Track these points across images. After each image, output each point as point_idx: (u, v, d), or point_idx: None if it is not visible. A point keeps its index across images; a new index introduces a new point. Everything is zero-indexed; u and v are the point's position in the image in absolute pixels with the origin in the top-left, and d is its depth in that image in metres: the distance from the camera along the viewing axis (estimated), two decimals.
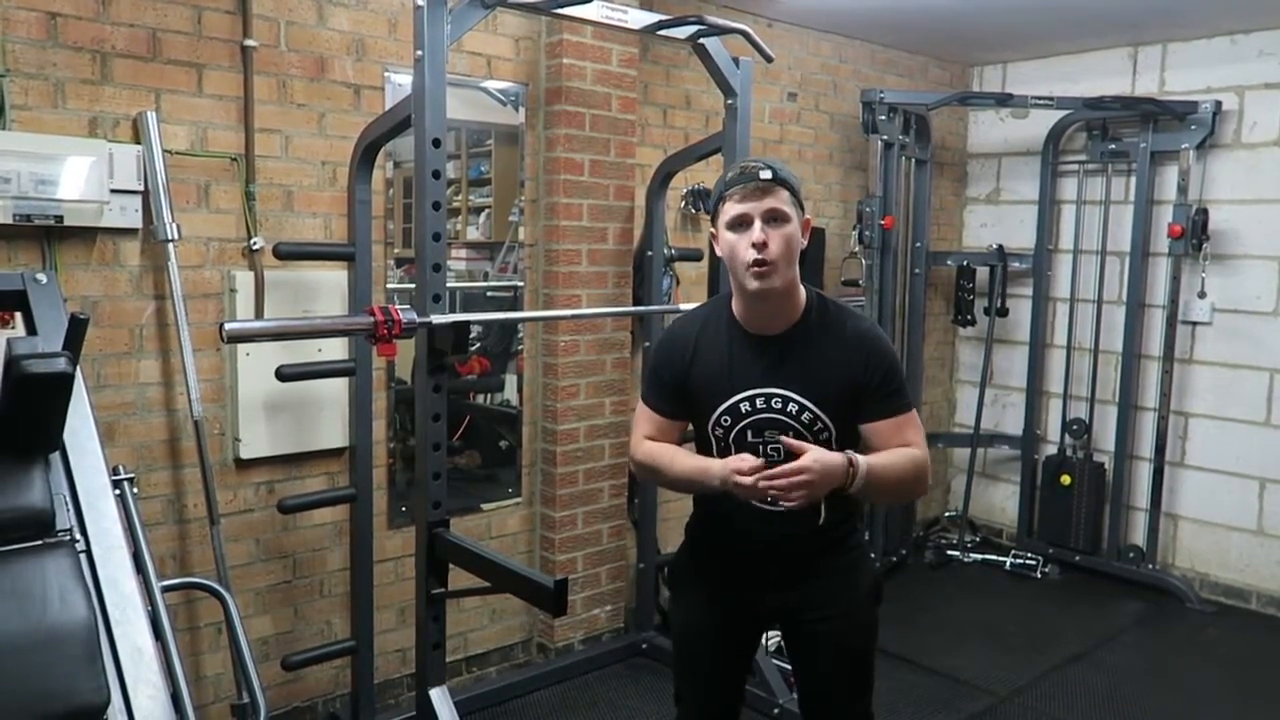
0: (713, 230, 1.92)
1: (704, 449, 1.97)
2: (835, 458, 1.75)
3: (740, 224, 1.81)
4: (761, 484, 1.72)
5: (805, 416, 1.85)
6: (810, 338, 1.88)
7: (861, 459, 1.78)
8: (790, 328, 1.88)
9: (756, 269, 1.79)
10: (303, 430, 2.94)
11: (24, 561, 1.59)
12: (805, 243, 1.87)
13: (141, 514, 1.97)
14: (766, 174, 1.80)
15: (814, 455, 1.73)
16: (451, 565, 2.58)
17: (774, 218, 1.80)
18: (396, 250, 3.12)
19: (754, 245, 1.78)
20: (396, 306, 2.40)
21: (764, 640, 3.01)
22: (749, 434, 1.88)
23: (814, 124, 4.40)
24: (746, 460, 1.77)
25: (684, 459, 1.94)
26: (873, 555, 4.26)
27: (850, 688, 2.02)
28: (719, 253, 1.90)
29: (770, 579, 1.97)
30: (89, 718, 1.48)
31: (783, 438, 1.82)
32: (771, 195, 1.80)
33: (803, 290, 1.91)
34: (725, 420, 1.89)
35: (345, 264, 2.91)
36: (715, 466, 1.82)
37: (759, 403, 1.87)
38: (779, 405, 1.86)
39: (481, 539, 3.36)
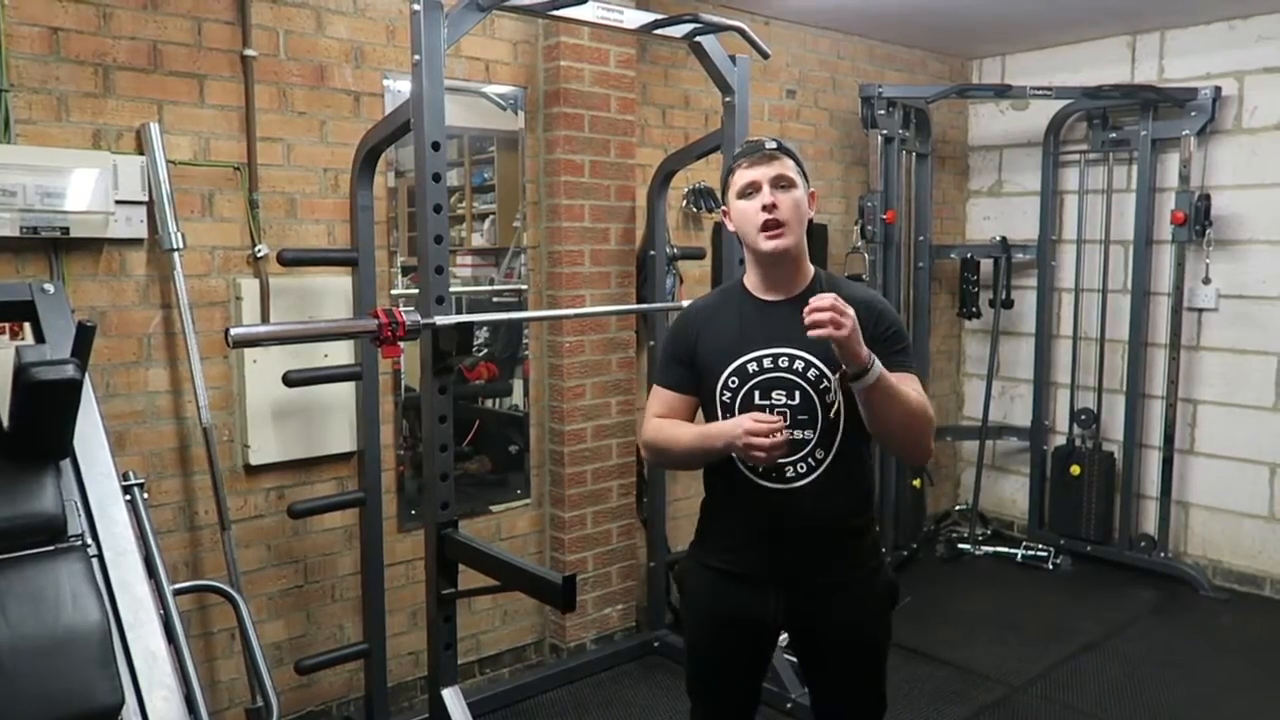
0: (724, 208, 1.98)
1: (711, 421, 1.97)
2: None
3: (750, 190, 1.89)
4: (807, 311, 1.69)
5: (812, 374, 1.87)
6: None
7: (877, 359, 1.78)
8: (801, 292, 1.93)
9: (769, 229, 1.86)
10: (311, 435, 2.96)
11: (37, 566, 1.61)
12: (812, 213, 1.94)
13: (152, 519, 1.99)
14: (771, 144, 1.91)
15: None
16: (461, 566, 2.59)
17: (781, 183, 1.88)
18: (402, 258, 3.14)
19: (764, 208, 1.86)
20: (401, 309, 2.42)
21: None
22: (756, 395, 1.89)
23: (813, 120, 4.40)
24: (762, 417, 1.78)
25: (689, 428, 1.96)
26: (884, 550, 4.25)
27: (865, 688, 2.03)
28: (731, 227, 1.96)
29: (787, 581, 1.93)
30: (104, 719, 1.50)
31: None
32: (778, 162, 1.89)
33: (810, 264, 1.97)
34: (733, 382, 1.91)
35: (349, 269, 2.93)
36: (722, 426, 1.85)
37: (766, 362, 1.89)
38: (785, 364, 1.88)
39: (492, 541, 3.37)
